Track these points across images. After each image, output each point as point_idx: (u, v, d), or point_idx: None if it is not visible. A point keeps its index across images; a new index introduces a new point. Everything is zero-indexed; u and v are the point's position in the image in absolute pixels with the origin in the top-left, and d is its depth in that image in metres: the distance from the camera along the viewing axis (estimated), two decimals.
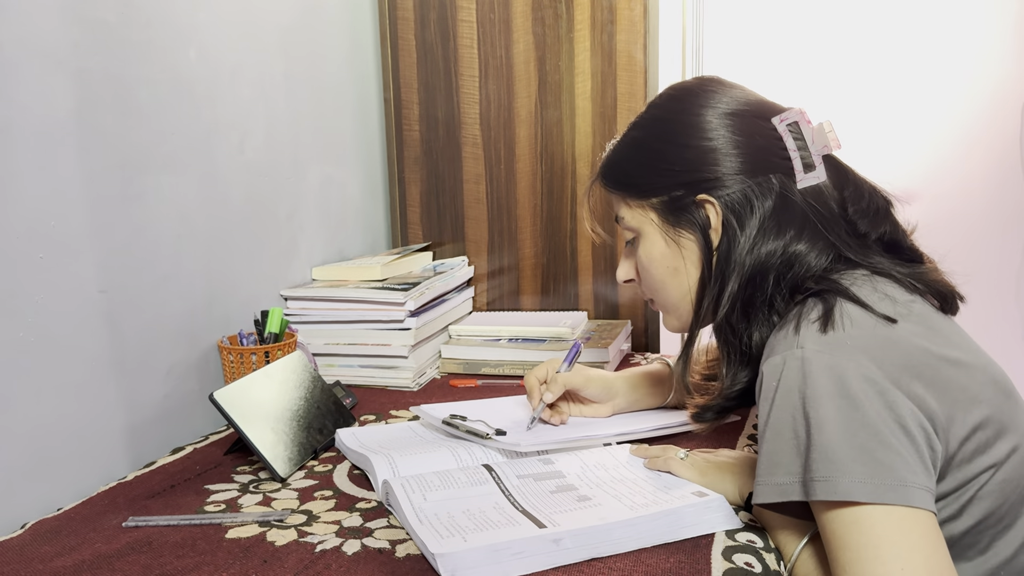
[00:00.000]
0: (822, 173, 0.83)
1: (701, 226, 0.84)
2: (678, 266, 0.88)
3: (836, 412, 0.68)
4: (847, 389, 0.68)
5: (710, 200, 0.83)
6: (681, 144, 0.85)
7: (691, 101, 0.87)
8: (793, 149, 0.83)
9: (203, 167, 1.17)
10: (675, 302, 0.90)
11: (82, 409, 0.96)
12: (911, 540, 0.64)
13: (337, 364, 1.36)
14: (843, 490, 0.66)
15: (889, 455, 0.66)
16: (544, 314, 1.58)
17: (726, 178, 0.83)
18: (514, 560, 0.70)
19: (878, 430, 0.67)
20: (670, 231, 0.87)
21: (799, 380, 0.70)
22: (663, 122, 0.89)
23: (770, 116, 0.85)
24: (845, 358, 0.69)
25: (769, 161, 0.83)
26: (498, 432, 0.99)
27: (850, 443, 0.67)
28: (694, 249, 0.86)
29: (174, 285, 1.11)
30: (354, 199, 1.61)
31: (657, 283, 0.90)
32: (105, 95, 0.99)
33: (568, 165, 1.58)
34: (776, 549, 0.77)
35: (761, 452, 0.73)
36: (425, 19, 1.60)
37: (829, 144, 0.83)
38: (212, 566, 0.74)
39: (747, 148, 0.83)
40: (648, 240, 0.89)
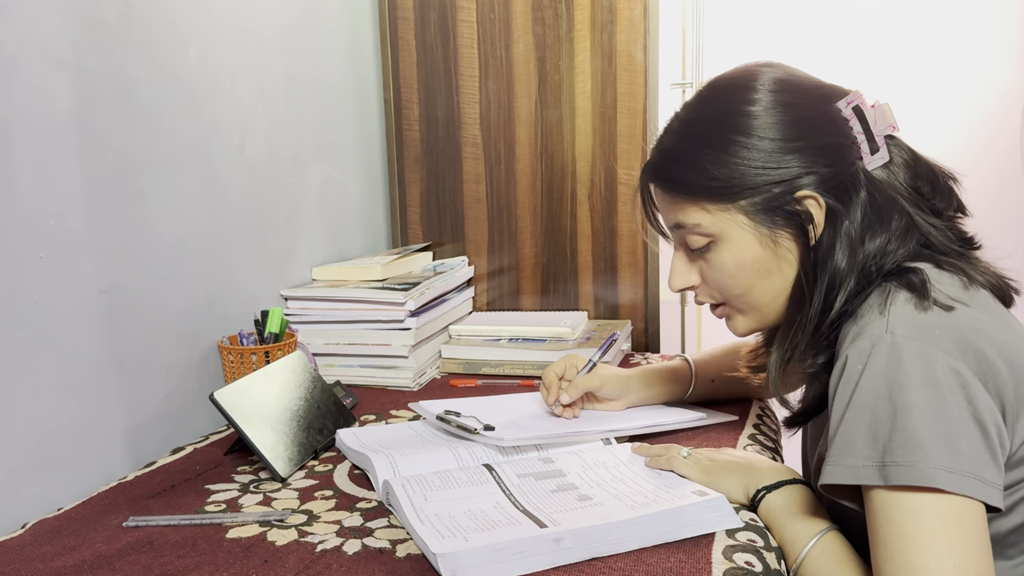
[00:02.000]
0: (886, 154, 0.81)
1: (803, 222, 0.80)
2: (771, 268, 0.83)
3: (924, 400, 0.67)
4: (934, 378, 0.68)
5: (812, 195, 0.80)
6: (768, 138, 0.80)
7: (758, 91, 0.82)
8: (859, 132, 0.81)
9: (203, 167, 1.17)
10: (762, 304, 0.85)
11: (82, 409, 0.96)
12: (969, 537, 0.64)
13: (337, 364, 1.36)
14: (928, 476, 0.65)
15: (968, 448, 0.66)
16: (544, 314, 1.58)
17: (819, 169, 0.80)
18: (515, 560, 0.70)
19: (959, 422, 0.67)
20: (765, 232, 0.81)
21: (888, 365, 0.69)
22: (735, 115, 0.82)
23: (833, 99, 0.82)
24: (933, 346, 0.69)
25: (845, 146, 0.81)
26: (486, 427, 0.99)
27: (935, 431, 0.66)
28: (792, 248, 0.82)
29: (174, 285, 1.11)
30: (354, 199, 1.61)
31: (742, 287, 0.85)
32: (105, 95, 0.99)
33: (568, 165, 1.58)
34: (777, 548, 0.77)
35: (835, 433, 0.71)
36: (425, 19, 1.60)
37: (891, 123, 0.82)
38: (212, 566, 0.74)
39: (827, 136, 0.81)
40: (735, 244, 0.83)
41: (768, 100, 0.81)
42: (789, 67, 0.86)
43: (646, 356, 1.51)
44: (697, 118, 0.86)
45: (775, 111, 0.81)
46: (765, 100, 0.81)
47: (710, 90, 0.87)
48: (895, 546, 0.66)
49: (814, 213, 0.80)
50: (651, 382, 1.11)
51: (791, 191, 0.80)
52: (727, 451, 0.91)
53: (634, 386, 1.10)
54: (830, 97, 0.83)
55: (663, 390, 1.11)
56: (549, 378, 1.08)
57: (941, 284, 0.76)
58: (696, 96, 0.88)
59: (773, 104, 0.81)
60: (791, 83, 0.83)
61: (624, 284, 1.58)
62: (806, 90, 0.83)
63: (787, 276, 0.83)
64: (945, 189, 0.84)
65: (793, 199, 0.80)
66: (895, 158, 0.82)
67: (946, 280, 0.77)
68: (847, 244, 0.78)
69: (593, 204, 1.57)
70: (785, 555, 0.78)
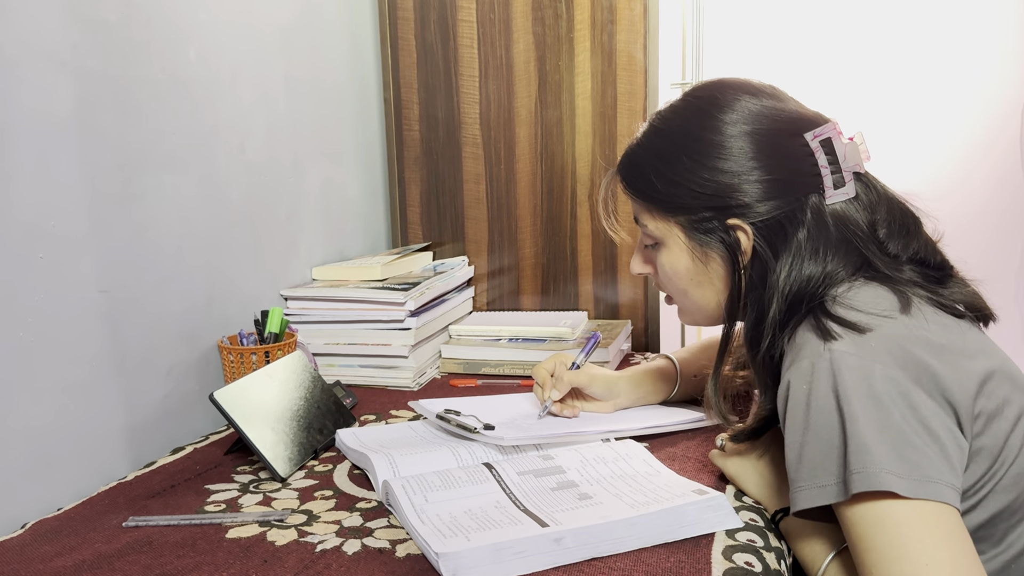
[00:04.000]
0: (852, 190, 0.81)
1: (730, 247, 0.83)
2: (703, 280, 0.87)
3: (866, 410, 0.68)
4: (873, 389, 0.69)
5: (742, 226, 0.82)
6: (711, 166, 0.83)
7: (718, 116, 0.83)
8: (825, 166, 0.81)
9: (203, 167, 1.17)
10: (697, 308, 0.91)
11: (82, 409, 0.96)
12: (936, 536, 0.65)
13: (337, 364, 1.36)
14: (880, 480, 0.66)
15: (916, 454, 0.67)
16: (544, 314, 1.58)
17: (758, 203, 0.81)
18: (516, 560, 0.70)
19: (903, 430, 0.67)
20: (697, 249, 0.86)
21: (830, 379, 0.71)
22: (689, 137, 0.85)
23: (802, 131, 0.82)
24: (870, 359, 0.70)
25: (800, 180, 0.81)
26: (486, 427, 0.99)
27: (881, 439, 0.67)
28: (721, 267, 0.86)
29: (174, 285, 1.11)
30: (354, 199, 1.61)
31: (679, 291, 0.91)
32: (105, 95, 0.99)
33: (568, 165, 1.58)
34: (777, 548, 0.77)
35: (800, 457, 0.72)
36: (425, 19, 1.60)
37: (861, 161, 0.82)
38: (212, 566, 0.74)
39: (779, 168, 0.81)
40: (672, 253, 0.88)
41: (727, 128, 0.83)
42: (767, 90, 0.86)
43: (646, 356, 1.51)
44: (660, 130, 0.89)
45: (731, 140, 0.82)
46: (724, 127, 0.83)
47: (681, 103, 0.90)
48: (870, 561, 0.66)
49: (743, 242, 0.83)
50: (639, 383, 1.11)
51: (723, 218, 0.83)
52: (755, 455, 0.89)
53: (623, 388, 1.10)
54: (800, 128, 0.83)
55: (651, 389, 1.12)
56: (541, 376, 1.09)
57: (877, 300, 0.77)
58: (669, 106, 0.91)
59: (732, 133, 0.83)
60: (759, 112, 0.83)
61: (624, 284, 1.58)
62: (773, 120, 0.83)
63: (719, 290, 0.87)
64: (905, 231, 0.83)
65: (724, 225, 0.83)
66: (861, 195, 0.82)
67: (883, 295, 0.77)
68: (775, 273, 0.80)
69: (593, 204, 1.57)
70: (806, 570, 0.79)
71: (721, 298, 0.87)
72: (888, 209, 0.83)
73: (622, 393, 1.10)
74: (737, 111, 0.83)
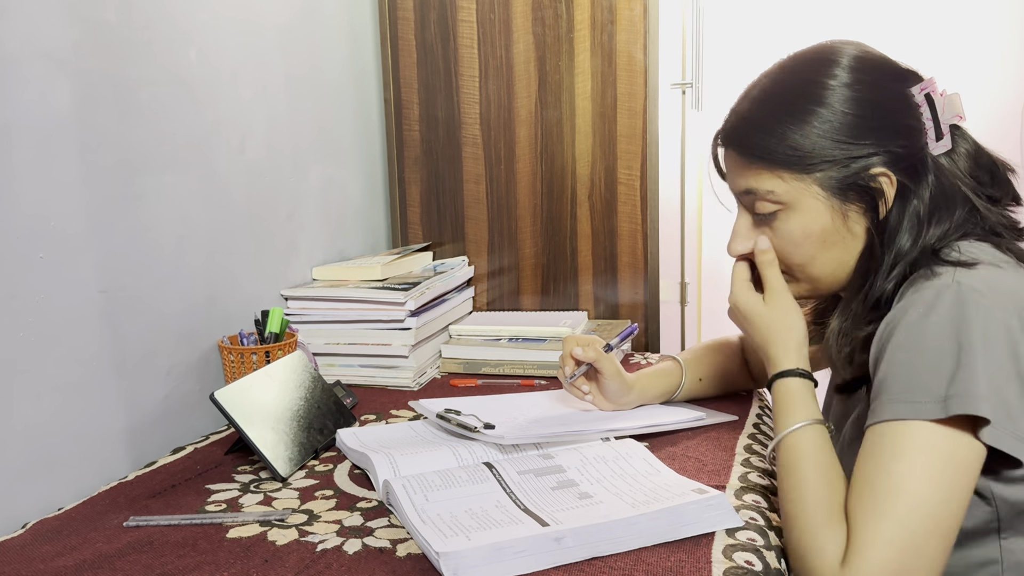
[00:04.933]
0: (948, 142, 0.83)
1: (873, 197, 0.83)
2: (837, 240, 0.85)
3: (984, 346, 0.71)
4: (994, 331, 0.71)
5: (885, 172, 0.82)
6: (849, 113, 0.82)
7: (842, 66, 0.84)
8: (928, 118, 0.83)
9: (203, 167, 1.17)
10: (821, 275, 0.88)
11: (82, 409, 0.96)
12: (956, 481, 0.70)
13: (337, 364, 1.36)
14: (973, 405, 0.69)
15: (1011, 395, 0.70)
16: (544, 314, 1.58)
17: (894, 148, 0.82)
18: (516, 559, 0.70)
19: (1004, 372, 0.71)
20: (837, 204, 0.84)
21: (954, 309, 0.73)
22: (819, 88, 0.83)
23: (907, 82, 0.85)
24: (997, 303, 0.73)
25: (917, 129, 0.83)
26: (486, 426, 0.99)
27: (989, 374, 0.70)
28: (860, 222, 0.85)
29: (174, 285, 1.11)
30: (354, 199, 1.61)
31: (806, 257, 0.87)
32: (105, 95, 0.99)
33: (568, 165, 1.58)
34: (777, 547, 0.78)
35: (895, 372, 0.75)
36: (425, 19, 1.60)
37: (960, 113, 0.84)
38: (213, 565, 0.74)
39: (902, 118, 0.83)
40: (806, 213, 0.85)
41: (848, 77, 0.84)
42: (867, 46, 0.88)
43: (646, 356, 1.51)
44: (779, 87, 0.87)
45: (855, 88, 0.83)
46: (845, 76, 0.84)
47: (791, 62, 0.89)
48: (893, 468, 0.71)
49: (886, 190, 0.83)
50: (647, 387, 1.11)
51: (866, 167, 0.83)
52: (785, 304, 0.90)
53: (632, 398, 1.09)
54: (906, 80, 0.85)
55: (660, 392, 1.13)
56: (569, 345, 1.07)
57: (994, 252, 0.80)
58: (776, 67, 0.90)
59: (853, 81, 0.83)
60: (871, 62, 0.85)
61: (624, 284, 1.58)
62: (883, 70, 0.85)
63: (851, 250, 0.86)
64: (1003, 179, 0.86)
65: (868, 175, 0.83)
66: (958, 147, 0.85)
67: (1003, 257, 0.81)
68: (914, 223, 0.82)
69: (593, 204, 1.57)
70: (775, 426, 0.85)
71: (852, 257, 0.86)
72: (989, 158, 0.86)
73: (631, 402, 1.09)
74: (851, 60, 0.85)
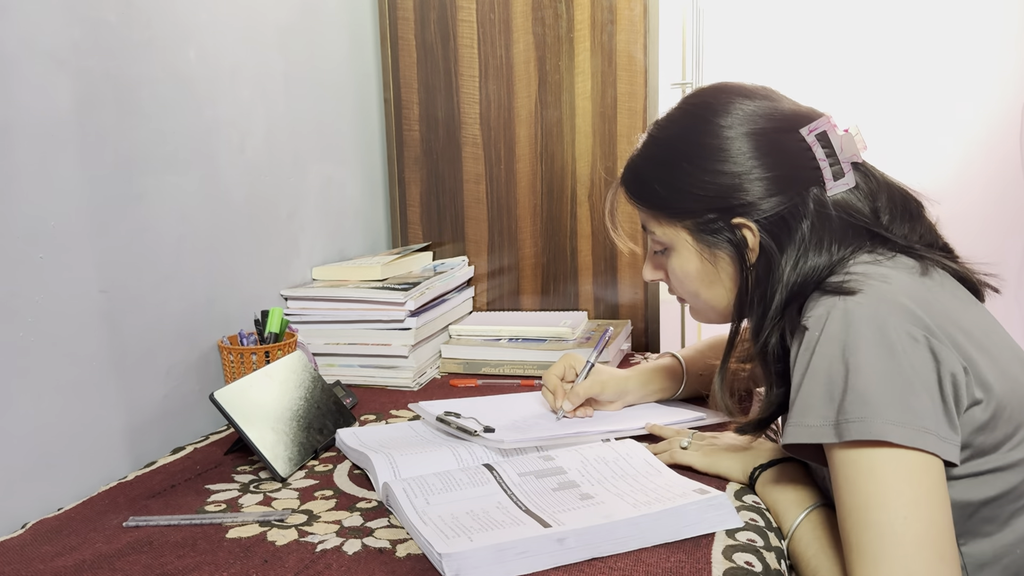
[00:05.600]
0: (851, 179, 0.83)
1: (737, 246, 0.85)
2: (713, 280, 0.89)
3: (875, 359, 0.70)
4: (887, 338, 0.71)
5: (747, 224, 0.84)
6: (711, 169, 0.84)
7: (715, 121, 0.85)
8: (823, 159, 0.83)
9: (203, 167, 1.17)
10: (710, 308, 0.92)
11: (82, 409, 0.96)
12: (920, 491, 0.67)
13: (337, 364, 1.36)
14: (877, 430, 0.68)
15: (918, 403, 0.69)
16: (544, 314, 1.58)
17: (761, 200, 0.83)
18: (518, 560, 0.70)
19: (911, 380, 0.69)
20: (705, 250, 0.88)
21: (841, 329, 0.73)
22: (688, 143, 0.87)
23: (797, 126, 0.84)
24: (886, 309, 0.72)
25: (800, 174, 0.83)
26: (486, 429, 0.99)
27: (886, 388, 0.69)
28: (730, 265, 0.87)
29: (174, 285, 1.11)
30: (354, 199, 1.61)
31: (691, 292, 0.92)
32: (106, 95, 0.99)
33: (568, 165, 1.58)
34: (777, 548, 0.78)
35: (796, 396, 0.75)
36: (425, 19, 1.60)
37: (858, 151, 0.84)
38: (213, 566, 0.74)
39: (778, 165, 0.83)
40: (681, 256, 0.90)
41: (725, 132, 0.85)
42: (761, 92, 0.88)
43: (646, 356, 1.51)
44: (659, 139, 0.91)
45: (729, 142, 0.84)
46: (722, 131, 0.85)
47: (678, 111, 0.92)
48: (851, 503, 0.69)
49: (749, 240, 0.84)
50: (647, 381, 1.13)
51: (728, 217, 0.85)
52: (728, 435, 0.95)
53: (632, 386, 1.12)
54: (792, 124, 0.84)
55: (658, 387, 1.14)
56: (552, 382, 1.10)
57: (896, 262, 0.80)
58: (667, 115, 0.93)
59: (729, 136, 0.84)
60: (754, 113, 0.85)
61: (624, 284, 1.58)
62: (769, 119, 0.85)
63: (729, 289, 0.89)
64: (909, 215, 0.85)
65: (729, 225, 0.85)
66: (861, 184, 0.84)
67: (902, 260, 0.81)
68: (781, 270, 0.82)
69: (593, 204, 1.57)
70: (780, 528, 0.82)
71: (731, 296, 0.89)
72: (889, 195, 0.85)
73: (631, 391, 1.12)
74: (733, 114, 0.85)
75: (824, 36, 2.31)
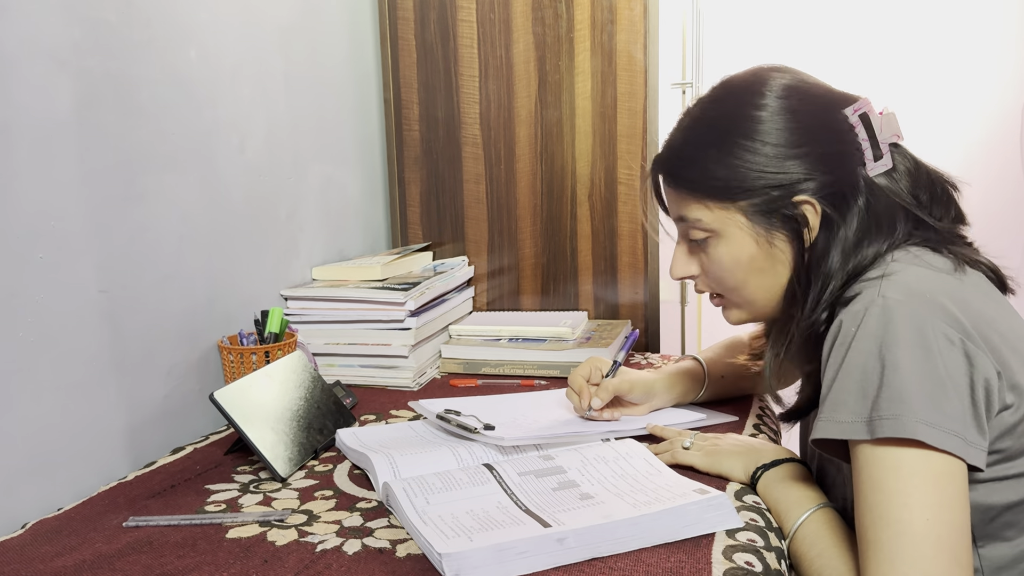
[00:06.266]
0: (889, 161, 0.83)
1: (797, 225, 0.83)
2: (765, 267, 0.86)
3: (912, 359, 0.70)
4: (924, 339, 0.70)
5: (809, 201, 0.82)
6: (770, 143, 0.83)
7: (764, 97, 0.84)
8: (864, 139, 0.83)
9: (203, 167, 1.17)
10: (754, 299, 0.89)
11: (82, 409, 0.96)
12: (944, 495, 0.67)
13: (337, 364, 1.36)
14: (910, 429, 0.67)
15: (953, 407, 0.68)
16: (544, 314, 1.58)
17: (819, 176, 0.82)
18: (518, 559, 0.70)
19: (945, 382, 0.69)
20: (762, 233, 0.85)
21: (879, 326, 0.72)
22: (743, 119, 0.84)
23: (840, 106, 0.84)
24: (925, 309, 0.72)
25: (848, 153, 0.83)
26: (486, 427, 0.99)
27: (921, 388, 0.69)
28: (786, 249, 0.85)
29: (174, 285, 1.11)
30: (354, 199, 1.61)
31: (738, 282, 0.88)
32: (106, 95, 0.99)
33: (568, 165, 1.57)
34: (777, 548, 0.78)
35: (828, 392, 0.74)
36: (425, 19, 1.60)
37: (898, 131, 0.84)
38: (213, 566, 0.74)
39: (828, 142, 0.83)
40: (732, 241, 0.86)
41: (775, 105, 0.84)
42: (799, 72, 0.88)
43: (646, 356, 1.51)
44: (706, 117, 0.89)
45: (781, 116, 0.83)
46: (772, 105, 0.84)
47: (721, 90, 0.89)
48: (873, 499, 0.69)
49: (810, 218, 0.83)
50: (673, 384, 1.11)
51: (789, 195, 0.83)
52: (730, 436, 0.94)
53: (659, 389, 1.10)
54: (838, 104, 0.85)
55: (682, 391, 1.12)
56: (578, 383, 1.07)
57: (934, 261, 0.79)
58: (708, 95, 0.90)
59: (780, 109, 0.83)
60: (800, 89, 0.85)
61: (624, 284, 1.58)
62: (814, 96, 0.85)
63: (781, 275, 0.86)
64: (944, 197, 0.86)
65: (790, 203, 0.83)
66: (898, 166, 0.84)
67: (938, 260, 0.80)
68: (841, 249, 0.81)
69: (593, 204, 1.57)
70: (781, 528, 0.81)
71: (781, 283, 0.86)
72: (927, 177, 0.86)
73: (658, 394, 1.10)
74: (778, 90, 0.85)
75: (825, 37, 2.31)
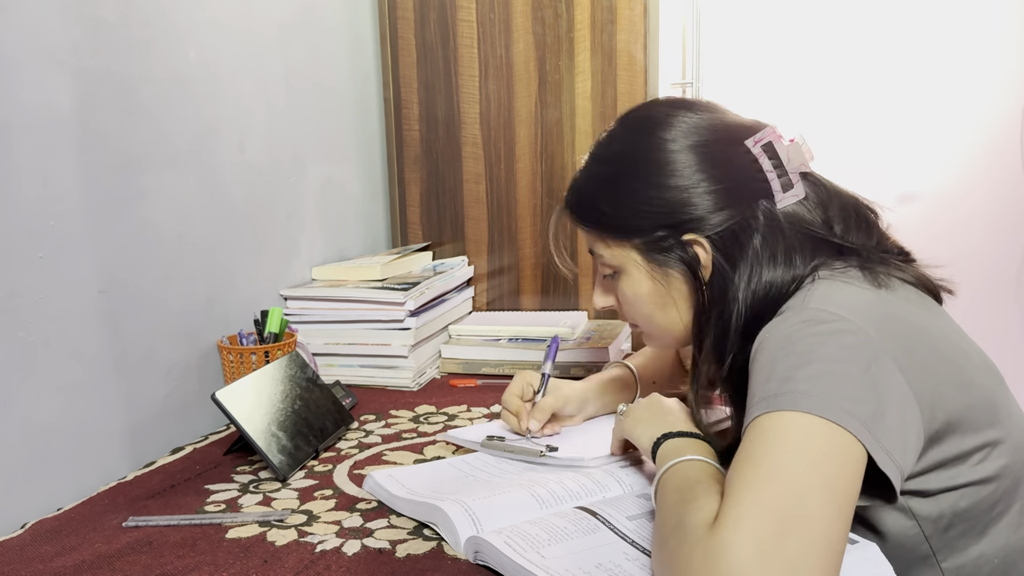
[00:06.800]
0: (800, 191, 0.81)
1: (690, 264, 0.82)
2: (667, 302, 0.85)
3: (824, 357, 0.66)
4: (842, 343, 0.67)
5: (698, 240, 0.81)
6: (658, 184, 0.82)
7: (659, 135, 0.83)
8: (770, 170, 0.81)
9: (203, 167, 1.17)
10: (666, 331, 0.88)
11: (82, 409, 0.96)
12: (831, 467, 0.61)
13: (337, 364, 1.36)
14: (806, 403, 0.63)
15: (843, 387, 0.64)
16: (544, 314, 1.58)
17: (710, 215, 0.80)
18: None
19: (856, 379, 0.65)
20: (656, 270, 0.84)
21: (794, 325, 0.70)
22: (633, 160, 0.84)
23: (742, 138, 0.82)
24: (844, 321, 0.69)
25: (748, 187, 0.81)
26: (550, 449, 0.95)
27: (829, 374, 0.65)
28: (683, 286, 0.84)
29: (174, 285, 1.11)
30: (354, 199, 1.61)
31: (644, 316, 0.88)
32: (105, 95, 0.99)
33: (568, 165, 1.57)
34: None
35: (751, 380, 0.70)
36: (425, 19, 1.60)
37: (805, 161, 0.81)
38: (212, 566, 0.74)
39: (725, 178, 0.81)
40: (632, 278, 0.86)
41: (669, 144, 0.82)
42: (702, 105, 0.86)
43: None
44: (602, 156, 0.89)
45: (674, 155, 0.82)
46: (666, 144, 0.83)
47: (619, 128, 0.89)
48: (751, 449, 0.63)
49: (701, 257, 0.82)
50: (603, 392, 1.09)
51: (678, 234, 0.82)
52: (648, 399, 0.89)
53: (591, 397, 1.08)
54: (739, 136, 0.82)
55: (615, 399, 1.10)
56: (514, 404, 1.04)
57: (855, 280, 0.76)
58: (607, 133, 0.90)
59: (673, 148, 0.82)
60: (697, 125, 0.83)
61: None
62: (712, 131, 0.83)
63: (683, 310, 0.85)
64: (863, 222, 0.83)
65: (680, 243, 0.82)
66: (811, 195, 0.82)
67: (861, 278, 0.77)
68: (740, 285, 0.79)
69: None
70: None
71: (687, 318, 0.85)
72: (841, 204, 0.83)
73: (591, 401, 1.08)
74: (676, 127, 0.83)
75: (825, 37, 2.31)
